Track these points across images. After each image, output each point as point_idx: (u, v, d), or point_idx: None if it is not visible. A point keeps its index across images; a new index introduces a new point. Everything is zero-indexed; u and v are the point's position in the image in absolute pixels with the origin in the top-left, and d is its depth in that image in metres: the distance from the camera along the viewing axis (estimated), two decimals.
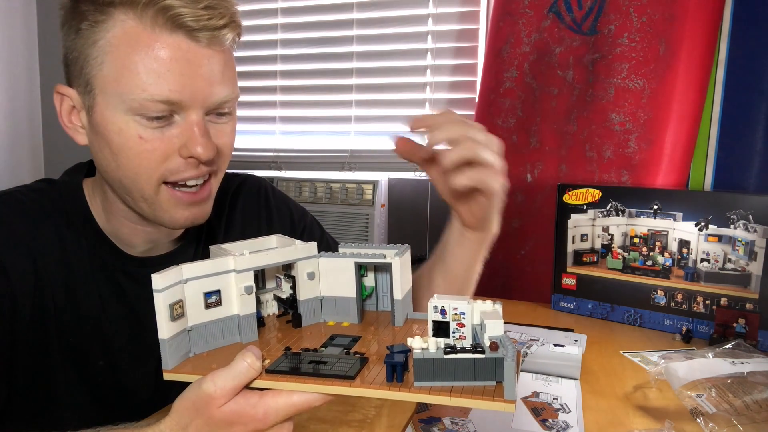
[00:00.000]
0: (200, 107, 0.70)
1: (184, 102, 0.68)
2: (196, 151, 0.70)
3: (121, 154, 0.70)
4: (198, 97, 0.69)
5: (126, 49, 0.66)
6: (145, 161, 0.70)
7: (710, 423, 0.76)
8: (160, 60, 0.66)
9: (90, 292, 0.79)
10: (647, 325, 1.22)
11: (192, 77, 0.68)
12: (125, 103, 0.67)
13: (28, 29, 2.31)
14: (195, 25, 0.66)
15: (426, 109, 1.92)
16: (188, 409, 0.54)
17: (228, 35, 0.70)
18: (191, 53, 0.67)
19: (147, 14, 0.66)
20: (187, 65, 0.67)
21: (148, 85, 0.66)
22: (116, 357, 0.81)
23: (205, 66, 0.68)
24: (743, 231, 1.10)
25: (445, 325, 0.52)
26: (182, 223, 0.76)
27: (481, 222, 0.83)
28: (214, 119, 0.73)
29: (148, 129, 0.69)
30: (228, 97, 0.72)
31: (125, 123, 0.68)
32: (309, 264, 0.64)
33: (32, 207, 0.78)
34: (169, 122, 0.69)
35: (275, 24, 2.08)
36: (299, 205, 1.05)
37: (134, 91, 0.67)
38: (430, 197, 1.91)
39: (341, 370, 0.52)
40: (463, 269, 0.88)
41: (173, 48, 0.66)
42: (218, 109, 0.72)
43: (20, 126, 2.31)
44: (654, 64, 1.38)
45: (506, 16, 1.55)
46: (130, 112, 0.68)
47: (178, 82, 0.67)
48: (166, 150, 0.70)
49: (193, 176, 0.73)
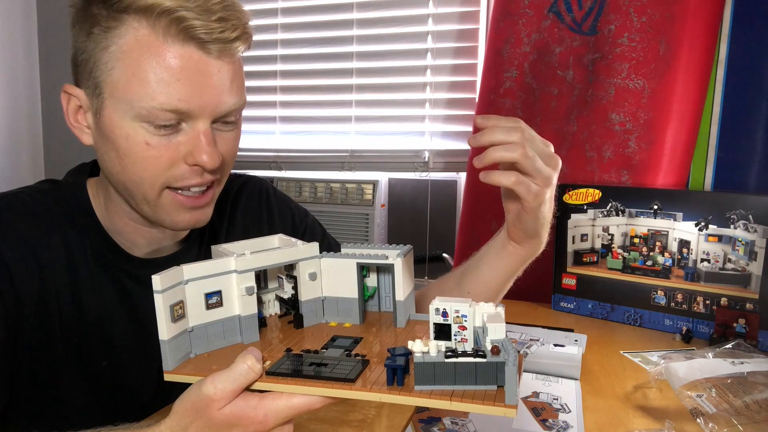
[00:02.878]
0: (208, 116, 0.70)
1: (192, 111, 0.68)
2: (202, 160, 0.70)
3: (127, 159, 0.71)
4: (207, 107, 0.69)
5: (137, 56, 0.67)
6: (150, 167, 0.70)
7: (710, 423, 0.76)
8: (171, 69, 0.67)
9: (94, 293, 0.79)
10: (647, 325, 1.22)
11: (201, 87, 0.68)
12: (134, 110, 0.68)
13: (28, 29, 2.31)
14: (207, 38, 0.67)
15: (426, 109, 1.92)
16: (188, 411, 0.54)
17: (240, 47, 0.71)
18: (202, 64, 0.68)
19: (160, 24, 0.66)
20: (197, 76, 0.68)
21: (157, 94, 0.67)
22: (119, 358, 0.81)
23: (215, 76, 0.69)
24: (743, 231, 1.10)
25: (446, 327, 0.52)
26: (183, 225, 0.77)
27: (525, 236, 0.83)
28: (220, 127, 0.74)
29: (156, 136, 0.69)
30: (235, 106, 0.73)
31: (133, 129, 0.69)
32: (311, 264, 0.64)
33: (36, 208, 0.78)
34: (176, 130, 0.70)
35: (275, 24, 2.08)
36: (300, 206, 1.05)
37: (143, 99, 0.67)
38: (430, 197, 1.91)
39: (342, 372, 0.52)
40: (496, 281, 0.88)
41: (184, 58, 0.67)
42: (225, 118, 0.73)
43: (20, 126, 2.31)
44: (654, 64, 1.38)
45: (506, 16, 1.55)
46: (138, 119, 0.68)
47: (187, 92, 0.67)
48: (172, 157, 0.70)
49: (197, 183, 0.73)
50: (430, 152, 1.91)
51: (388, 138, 1.98)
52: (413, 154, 1.93)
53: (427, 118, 1.93)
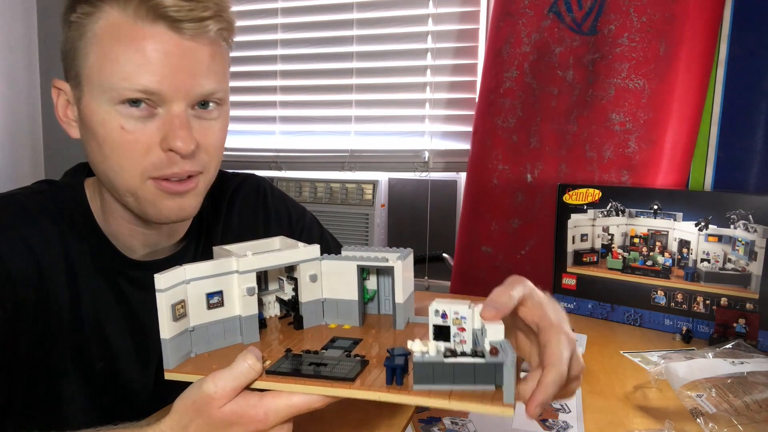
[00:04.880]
0: (182, 100, 0.69)
1: (164, 93, 0.68)
2: (175, 144, 0.69)
3: (105, 146, 0.70)
4: (179, 89, 0.68)
5: (109, 39, 0.67)
6: (128, 153, 0.70)
7: (710, 423, 0.76)
8: (141, 50, 0.66)
9: (91, 295, 0.79)
10: (647, 325, 1.22)
11: (173, 68, 0.67)
12: (107, 93, 0.68)
13: (28, 29, 2.31)
14: (177, 16, 0.66)
15: (426, 109, 1.92)
16: (188, 409, 0.54)
17: (212, 27, 0.69)
18: (173, 44, 0.67)
19: (130, 5, 0.66)
20: (167, 56, 0.67)
21: (127, 74, 0.66)
22: (117, 359, 0.81)
23: (187, 57, 0.68)
24: (743, 231, 1.10)
25: (446, 329, 0.52)
26: (168, 215, 0.75)
27: None
28: (201, 114, 0.72)
29: (131, 120, 0.68)
30: (213, 91, 0.71)
31: (108, 114, 0.69)
32: (311, 266, 0.65)
33: (34, 209, 0.78)
34: (152, 114, 0.69)
35: (275, 24, 2.08)
36: (298, 205, 1.05)
37: (115, 81, 0.67)
38: (430, 197, 1.91)
39: (341, 372, 0.52)
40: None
41: (154, 39, 0.67)
42: (204, 104, 0.72)
43: (20, 125, 2.31)
44: (654, 64, 1.38)
45: (506, 16, 1.55)
46: (111, 102, 0.68)
47: (158, 71, 0.67)
48: (148, 142, 0.69)
49: (176, 174, 0.72)
50: (430, 152, 1.91)
51: (388, 138, 1.98)
52: (413, 154, 1.93)
53: (427, 118, 1.93)
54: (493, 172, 1.58)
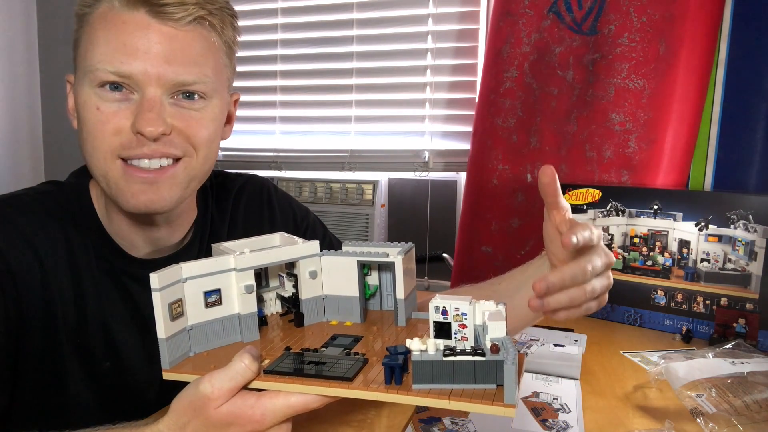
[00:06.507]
0: (155, 85, 0.70)
1: (136, 76, 0.69)
2: (141, 126, 0.69)
3: (84, 128, 0.73)
4: (151, 73, 0.69)
5: (97, 27, 0.70)
6: (99, 133, 0.71)
7: (710, 423, 0.75)
8: (118, 34, 0.69)
9: (96, 294, 0.79)
10: (647, 325, 1.22)
11: (147, 53, 0.69)
12: (87, 76, 0.71)
13: (28, 29, 2.31)
14: (156, 1, 0.68)
15: (426, 109, 1.92)
16: (186, 409, 0.54)
17: (191, 14, 0.70)
18: (151, 30, 0.69)
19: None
20: (143, 41, 0.69)
21: (103, 56, 0.69)
22: (123, 358, 0.81)
23: (164, 44, 0.70)
24: (743, 231, 1.10)
25: (447, 326, 0.52)
26: (137, 204, 0.73)
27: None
28: (182, 103, 0.73)
29: (106, 102, 0.70)
30: (191, 82, 0.72)
31: (88, 96, 0.71)
32: (311, 262, 0.64)
33: (39, 209, 0.78)
34: (127, 98, 0.71)
35: (275, 24, 2.08)
36: (302, 205, 1.05)
37: (93, 63, 0.70)
38: (430, 197, 1.91)
39: (339, 371, 0.52)
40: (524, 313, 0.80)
41: (133, 23, 0.69)
42: (182, 90, 0.72)
43: (20, 125, 2.31)
44: (654, 64, 1.38)
45: (506, 16, 1.55)
46: (90, 85, 0.70)
47: (131, 55, 0.69)
48: (118, 123, 0.71)
49: (145, 155, 0.72)
50: (430, 152, 1.91)
51: (388, 138, 1.98)
52: (413, 154, 1.93)
53: (427, 118, 1.93)
54: (493, 172, 1.58)
